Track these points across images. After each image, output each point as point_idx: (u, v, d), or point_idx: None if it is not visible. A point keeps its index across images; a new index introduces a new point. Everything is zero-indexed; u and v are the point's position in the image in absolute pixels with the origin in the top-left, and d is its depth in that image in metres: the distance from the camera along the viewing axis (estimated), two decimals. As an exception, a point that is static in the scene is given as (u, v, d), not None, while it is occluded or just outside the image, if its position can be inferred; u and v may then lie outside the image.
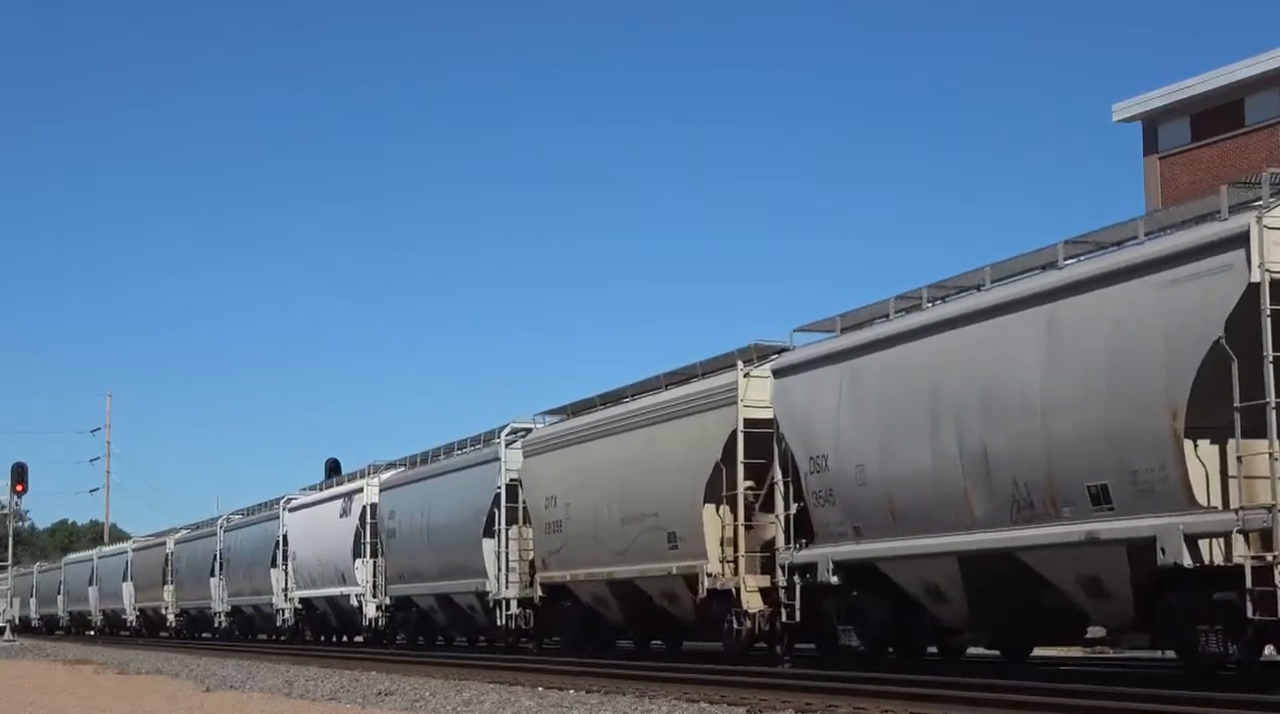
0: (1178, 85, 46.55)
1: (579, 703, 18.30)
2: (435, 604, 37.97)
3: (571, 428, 30.49)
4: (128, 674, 31.21)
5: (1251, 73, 44.36)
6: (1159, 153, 47.65)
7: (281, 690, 23.46)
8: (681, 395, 26.46)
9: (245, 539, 55.62)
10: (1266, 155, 43.26)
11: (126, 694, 23.82)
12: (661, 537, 26.51)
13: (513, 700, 19.05)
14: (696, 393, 25.94)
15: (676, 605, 27.08)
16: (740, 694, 18.14)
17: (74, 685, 26.80)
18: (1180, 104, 46.64)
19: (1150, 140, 48.06)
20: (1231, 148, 45.19)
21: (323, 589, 46.09)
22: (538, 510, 31.36)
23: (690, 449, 25.67)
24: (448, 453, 37.83)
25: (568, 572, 30.11)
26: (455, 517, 35.59)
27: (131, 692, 24.55)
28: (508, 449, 33.46)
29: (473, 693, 20.73)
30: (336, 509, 44.70)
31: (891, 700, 16.37)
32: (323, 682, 25.13)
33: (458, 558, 35.50)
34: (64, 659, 41.03)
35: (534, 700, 18.97)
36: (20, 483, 65.06)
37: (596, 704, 17.97)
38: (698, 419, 25.64)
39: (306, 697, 21.97)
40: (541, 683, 22.17)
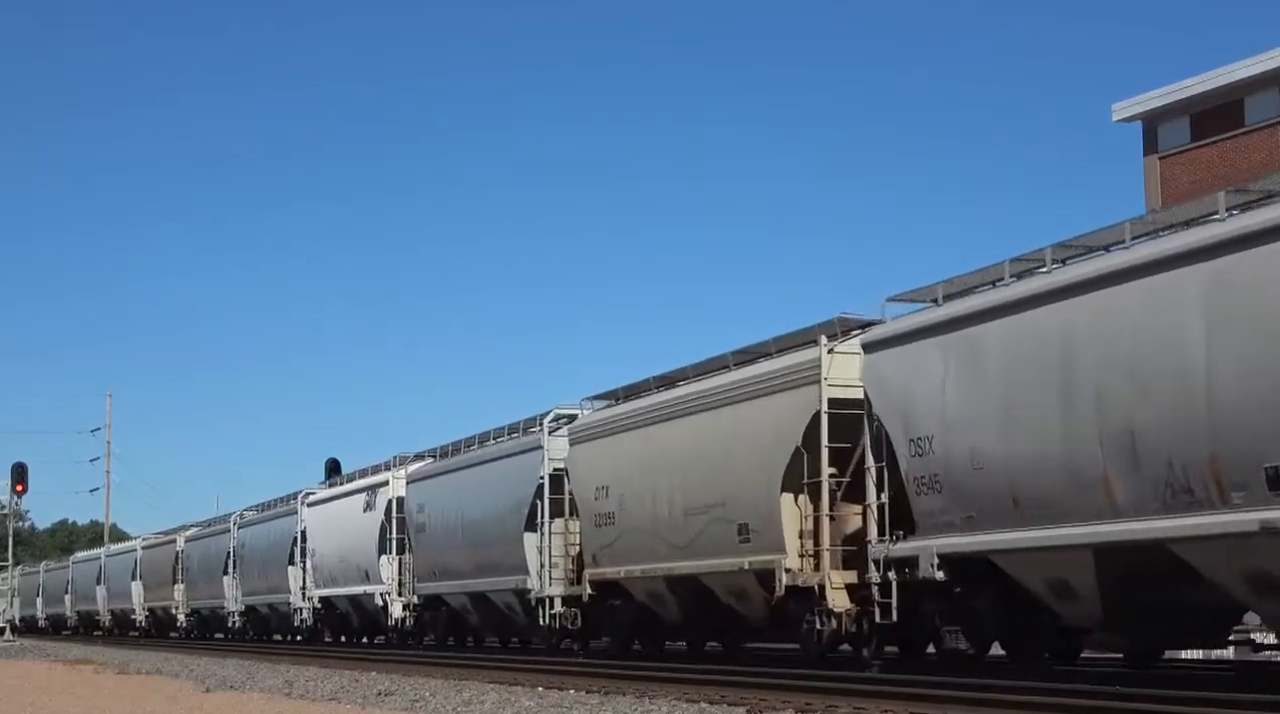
0: (1178, 85, 46.21)
1: (579, 703, 18.13)
2: (468, 603, 35.61)
3: (625, 412, 28.11)
4: (128, 674, 30.88)
5: (1251, 73, 43.98)
6: (1159, 153, 47.25)
7: (281, 690, 23.26)
8: (755, 374, 24.09)
9: (260, 536, 53.23)
10: (1266, 155, 43.43)
11: (126, 694, 23.56)
12: (730, 529, 24.15)
13: (513, 700, 18.84)
14: (773, 372, 23.58)
15: (746, 604, 24.72)
16: (740, 694, 17.92)
17: (74, 686, 26.54)
18: (1180, 104, 46.26)
19: (1150, 140, 47.66)
20: (1231, 148, 44.96)
21: (344, 588, 43.73)
22: (586, 502, 29.00)
23: (766, 433, 23.33)
24: (482, 442, 35.48)
25: (621, 568, 27.75)
26: (492, 510, 33.24)
27: (131, 692, 24.31)
28: (551, 437, 31.10)
29: (473, 693, 20.48)
30: (359, 503, 42.33)
31: (891, 700, 16.11)
32: (323, 682, 24.85)
33: (495, 554, 33.16)
34: (64, 659, 40.56)
35: (534, 700, 18.74)
36: (20, 483, 64.22)
37: (596, 704, 17.79)
38: (775, 400, 23.29)
39: (307, 697, 21.77)
40: (541, 683, 21.88)
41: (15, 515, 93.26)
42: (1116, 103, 48.37)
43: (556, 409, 31.37)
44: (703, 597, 25.86)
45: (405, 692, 21.51)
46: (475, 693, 20.52)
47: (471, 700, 19.22)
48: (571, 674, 23.01)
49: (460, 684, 22.70)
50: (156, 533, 71.08)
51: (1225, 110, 45.22)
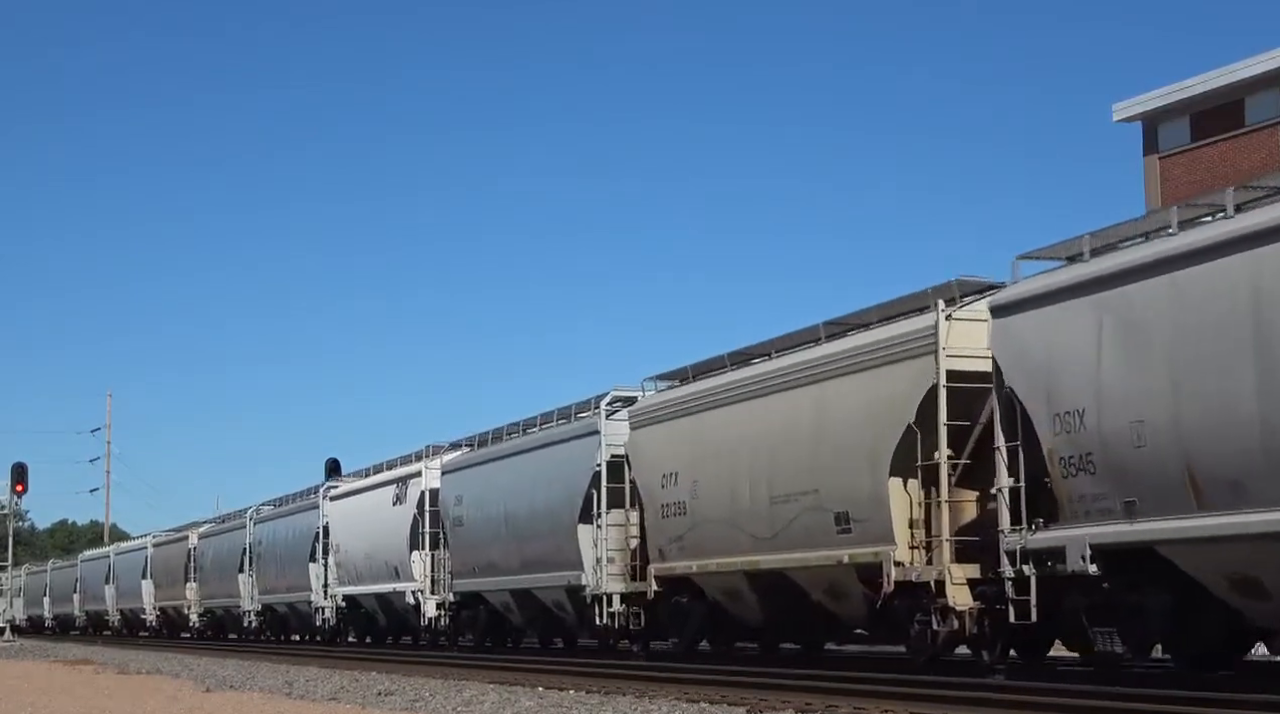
0: (1178, 85, 45.87)
1: (579, 703, 17.95)
2: (511, 601, 32.99)
3: (697, 392, 25.49)
4: (128, 674, 30.61)
5: (1251, 73, 43.57)
6: (1159, 153, 46.90)
7: (281, 691, 23.12)
8: (856, 346, 21.48)
9: (279, 532, 50.58)
10: (1267, 155, 43.10)
11: (127, 694, 23.41)
12: (825, 518, 21.57)
13: (513, 700, 18.68)
14: (878, 342, 20.97)
15: (841, 602, 22.14)
16: (740, 694, 17.76)
17: (74, 686, 26.35)
18: (1180, 104, 45.87)
19: (1150, 140, 47.28)
20: (1231, 148, 44.66)
21: (371, 585, 41.07)
22: (652, 491, 26.39)
23: (871, 411, 20.74)
24: (526, 429, 32.86)
25: (693, 562, 25.16)
26: (541, 500, 30.63)
27: (132, 692, 24.15)
28: (609, 421, 28.50)
29: (473, 693, 20.31)
30: (388, 496, 39.67)
31: (891, 700, 15.89)
32: (323, 682, 24.67)
33: (543, 548, 30.55)
34: (64, 659, 39.98)
35: (534, 701, 18.54)
36: (20, 483, 62.88)
37: (596, 704, 17.61)
38: (882, 374, 20.69)
39: (307, 697, 21.63)
40: (541, 683, 21.62)
41: (15, 515, 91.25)
42: (1116, 103, 47.97)
43: (614, 391, 28.77)
44: (788, 594, 23.28)
45: (405, 692, 21.27)
46: (475, 693, 20.25)
47: (471, 700, 18.95)
48: (571, 674, 22.69)
49: (460, 684, 22.36)
50: (167, 530, 68.38)
51: (1225, 110, 44.87)
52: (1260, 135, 43.94)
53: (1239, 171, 41.69)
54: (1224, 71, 44.66)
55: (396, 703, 19.50)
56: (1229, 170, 43.01)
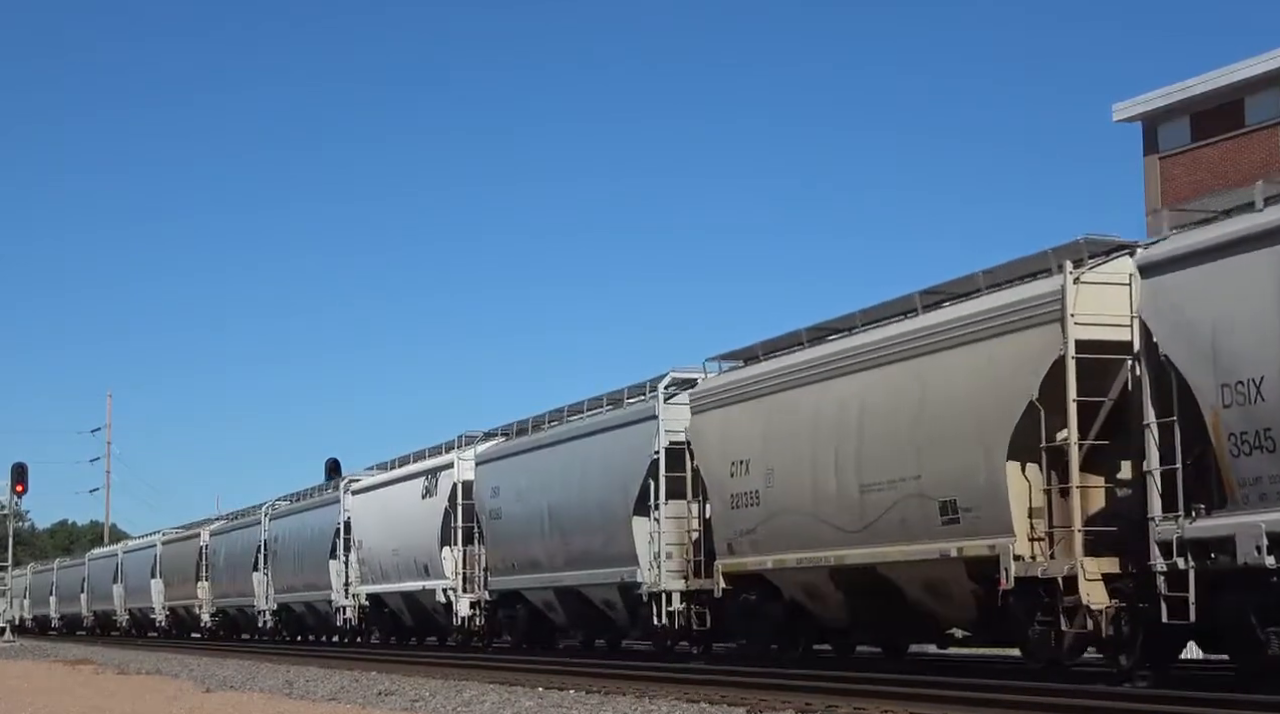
0: (1178, 85, 45.15)
1: (579, 703, 17.74)
2: (555, 600, 30.61)
3: (771, 372, 23.11)
4: (128, 674, 30.25)
5: (1251, 73, 42.77)
6: (1159, 153, 46.12)
7: (281, 691, 22.94)
8: (963, 315, 19.09)
9: (296, 528, 48.21)
10: (1267, 155, 42.52)
11: (126, 695, 23.26)
12: (930, 508, 19.20)
13: (513, 701, 18.52)
14: (992, 310, 18.58)
15: (945, 600, 19.80)
16: (740, 694, 17.55)
17: (74, 686, 26.08)
18: (1180, 104, 45.05)
19: (1150, 140, 46.48)
20: (1231, 148, 43.89)
21: (397, 583, 38.69)
22: (719, 479, 24.02)
23: (985, 387, 18.37)
24: (571, 415, 30.48)
25: (767, 557, 22.79)
26: (591, 491, 28.26)
27: (131, 692, 23.99)
28: (668, 405, 26.13)
29: (473, 693, 20.16)
30: (417, 489, 37.29)
31: (891, 700, 15.69)
32: (323, 682, 24.42)
33: (592, 542, 28.21)
34: (64, 659, 39.42)
35: (534, 701, 18.39)
36: (20, 483, 61.69)
37: (596, 704, 17.44)
38: (996, 346, 18.31)
39: (307, 697, 21.46)
40: (541, 683, 21.31)
41: (15, 515, 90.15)
42: (1116, 103, 47.14)
43: (673, 372, 26.40)
44: (879, 592, 20.92)
45: (405, 692, 21.12)
46: (475, 693, 20.11)
47: (471, 701, 18.78)
48: (571, 674, 22.38)
49: (460, 684, 22.16)
50: (177, 527, 65.96)
51: (1225, 110, 44.05)
52: (1260, 135, 43.25)
53: (1239, 171, 41.68)
54: (1224, 71, 43.93)
55: (396, 703, 19.29)
56: (1229, 170, 42.92)
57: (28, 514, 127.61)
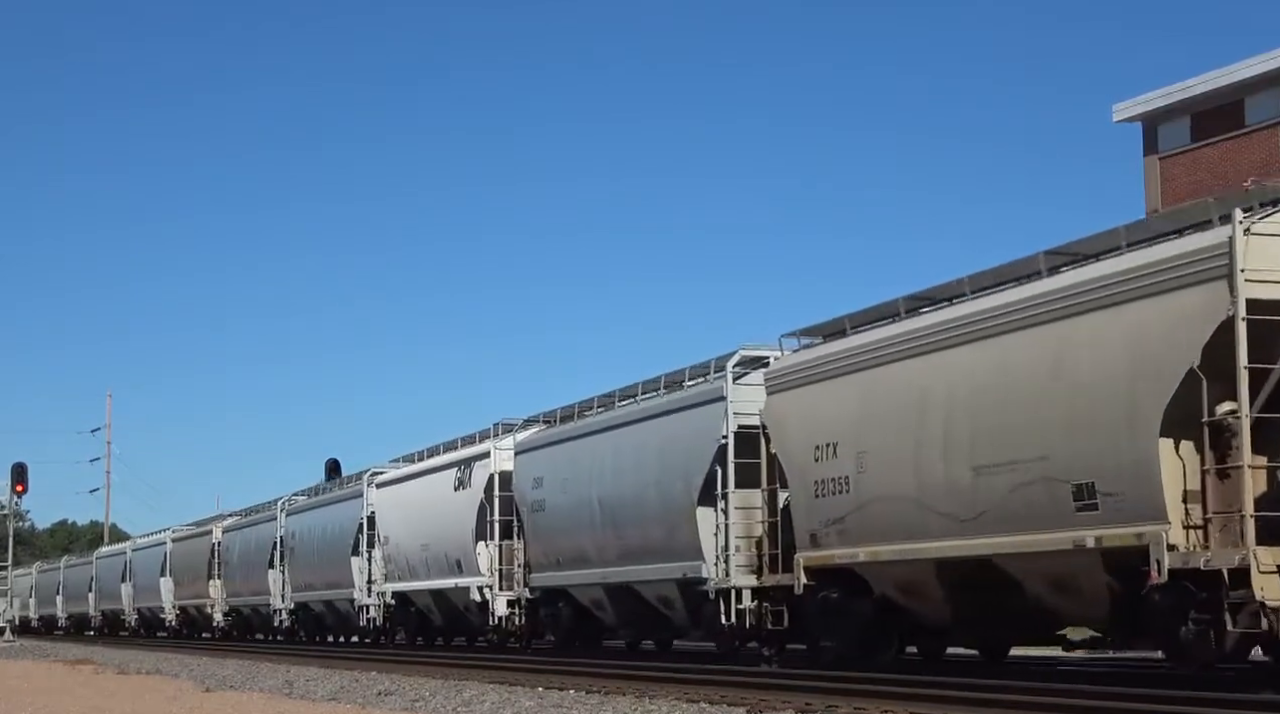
0: (1178, 85, 45.41)
1: (579, 703, 17.69)
2: (604, 597, 28.32)
3: (862, 346, 20.83)
4: (128, 674, 30.09)
5: (1251, 73, 43.05)
6: (1159, 153, 46.34)
7: (281, 691, 22.80)
8: (1107, 274, 16.79)
9: (315, 523, 45.91)
10: (1267, 155, 42.45)
11: (126, 695, 23.17)
12: (1060, 492, 16.94)
13: (513, 701, 18.43)
14: (1142, 268, 16.29)
15: (1073, 596, 17.54)
16: (740, 694, 17.42)
17: (74, 686, 25.94)
18: (1180, 104, 45.39)
19: (1150, 140, 46.74)
20: (1231, 148, 44.03)
21: (426, 580, 36.40)
22: (800, 465, 21.74)
23: (1132, 353, 16.11)
24: (624, 398, 28.19)
25: (859, 549, 20.51)
26: (648, 480, 25.98)
27: (131, 692, 23.88)
28: (737, 385, 23.86)
29: (473, 693, 20.07)
30: (448, 481, 34.99)
31: (891, 700, 15.59)
32: (323, 682, 24.26)
33: (650, 535, 25.94)
34: (64, 659, 39.11)
35: (534, 701, 18.31)
36: (20, 483, 61.12)
37: (596, 704, 17.40)
38: (1148, 307, 16.03)
39: (307, 697, 21.36)
40: (541, 683, 21.13)
41: (15, 515, 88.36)
42: (1116, 103, 47.39)
43: (742, 350, 24.13)
44: (992, 587, 18.65)
45: (405, 692, 20.99)
46: (475, 693, 20.00)
47: (471, 701, 18.74)
48: (572, 674, 22.21)
49: (460, 684, 21.98)
50: (188, 524, 63.64)
51: (1225, 110, 44.27)
52: (1260, 135, 43.30)
53: (1239, 171, 41.20)
54: (1224, 71, 44.00)
55: (396, 703, 19.22)
56: (1229, 170, 42.68)
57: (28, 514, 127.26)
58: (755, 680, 18.89)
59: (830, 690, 16.79)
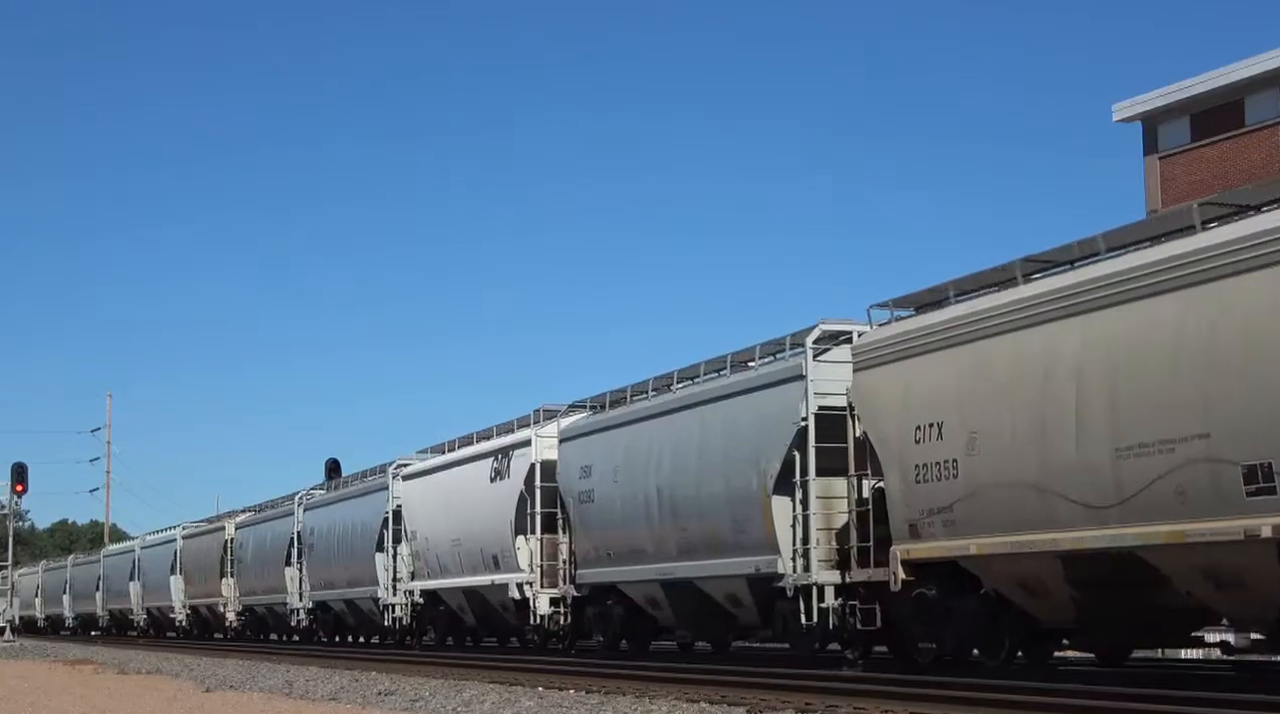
0: (1178, 85, 45.09)
1: (579, 703, 17.42)
2: (661, 594, 26.07)
3: (973, 314, 18.56)
4: (128, 674, 29.81)
5: (1251, 73, 42.70)
6: (1159, 153, 46.00)
7: (281, 691, 22.68)
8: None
9: (336, 518, 43.65)
10: (1267, 155, 42.31)
11: (126, 695, 23.08)
12: (1226, 475, 14.73)
13: (513, 701, 18.28)
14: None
15: (1235, 593, 15.32)
16: (740, 694, 17.10)
17: (74, 686, 25.78)
18: (1180, 104, 45.05)
19: (1150, 140, 46.38)
20: (1231, 148, 43.77)
21: (459, 578, 34.17)
22: (897, 448, 19.50)
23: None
24: (683, 380, 25.92)
25: (970, 541, 18.26)
26: (714, 468, 23.74)
27: (131, 692, 23.80)
28: (818, 362, 21.63)
29: (473, 693, 19.90)
30: (483, 472, 32.75)
31: (891, 700, 15.31)
32: (323, 682, 24.08)
33: (717, 527, 23.72)
34: (64, 659, 38.62)
35: (534, 701, 18.11)
36: (20, 483, 59.89)
37: (596, 704, 17.10)
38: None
39: (307, 697, 21.22)
40: (541, 683, 20.99)
41: (15, 515, 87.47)
42: (1116, 103, 46.99)
43: (823, 324, 21.88)
44: (1130, 582, 16.44)
45: (405, 692, 20.81)
46: (475, 693, 19.83)
47: (471, 701, 18.61)
48: (571, 674, 22.05)
49: (460, 684, 21.80)
50: (198, 521, 61.39)
51: (1225, 110, 43.91)
52: (1260, 135, 42.98)
53: (1239, 171, 41.27)
54: (1224, 71, 43.60)
55: (396, 703, 19.07)
56: (1229, 170, 42.44)
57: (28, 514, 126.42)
58: (755, 680, 18.68)
59: (830, 690, 16.62)
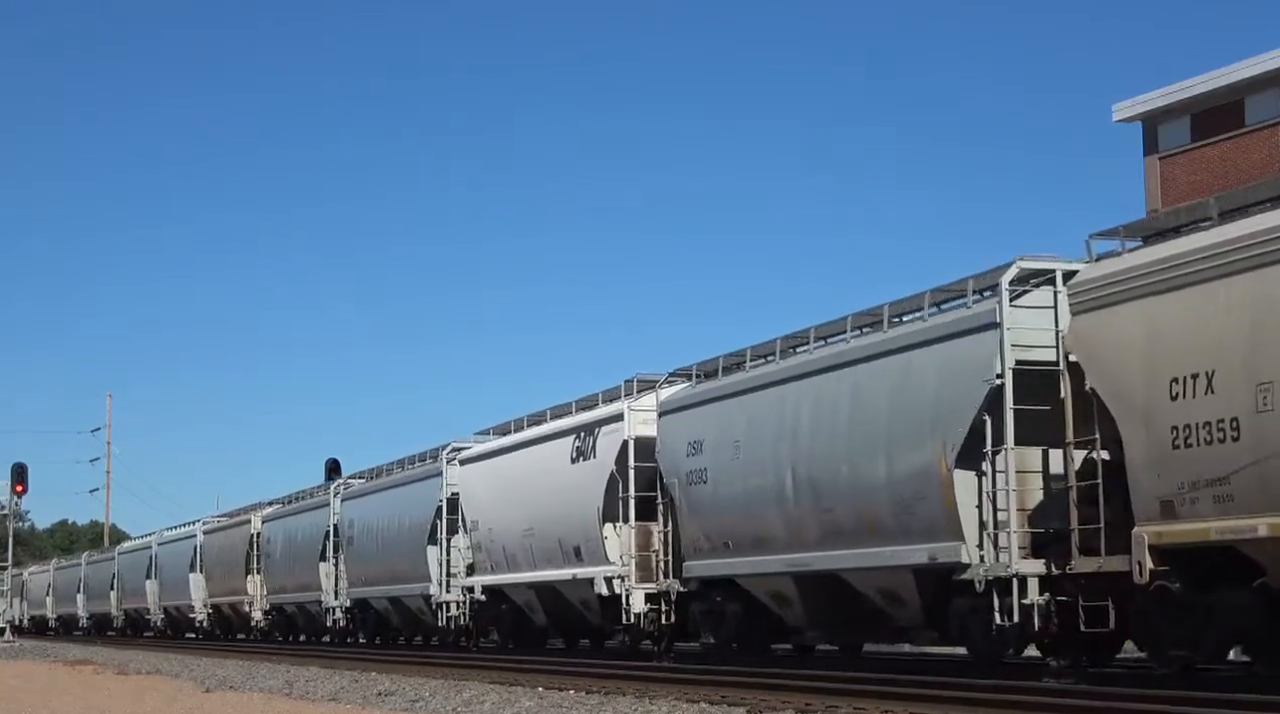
0: (1178, 85, 44.83)
1: (579, 703, 17.31)
2: (794, 590, 22.19)
3: (1254, 235, 14.69)
4: (128, 674, 29.73)
5: (1251, 73, 42.44)
6: (1159, 153, 45.62)
7: (281, 691, 22.57)
8: None
9: (379, 509, 39.76)
10: (1267, 155, 41.95)
11: (126, 695, 22.94)
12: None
13: (513, 701, 18.08)
14: None
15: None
16: (740, 694, 16.99)
17: (74, 686, 25.73)
18: (1180, 104, 44.73)
19: (1150, 140, 46.02)
20: (1231, 148, 43.41)
21: (531, 571, 30.28)
22: (1143, 405, 15.60)
23: None
24: (822, 337, 21.99)
25: (1259, 520, 14.38)
26: (871, 438, 19.84)
27: (131, 692, 23.66)
28: (1015, 307, 17.76)
29: (473, 693, 19.70)
30: (562, 452, 28.86)
31: (891, 701, 15.18)
32: (323, 682, 23.94)
33: (872, 510, 19.88)
34: (64, 659, 38.37)
35: (534, 701, 17.92)
36: (20, 483, 58.84)
37: (596, 704, 17.00)
38: None
39: (307, 697, 21.18)
40: (541, 683, 20.62)
41: (15, 515, 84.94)
42: (1116, 103, 46.65)
43: (1020, 262, 17.98)
44: None
45: (405, 692, 20.79)
46: (475, 693, 19.71)
47: (471, 701, 18.48)
48: (571, 674, 21.84)
49: (460, 684, 21.70)
50: (220, 515, 57.50)
51: (1226, 110, 43.60)
52: (1260, 135, 42.62)
53: (1239, 171, 40.87)
54: (1224, 71, 43.28)
55: (396, 703, 19.08)
56: (1229, 170, 42.05)
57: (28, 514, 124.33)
58: (756, 680, 18.46)
59: (830, 690, 16.48)
